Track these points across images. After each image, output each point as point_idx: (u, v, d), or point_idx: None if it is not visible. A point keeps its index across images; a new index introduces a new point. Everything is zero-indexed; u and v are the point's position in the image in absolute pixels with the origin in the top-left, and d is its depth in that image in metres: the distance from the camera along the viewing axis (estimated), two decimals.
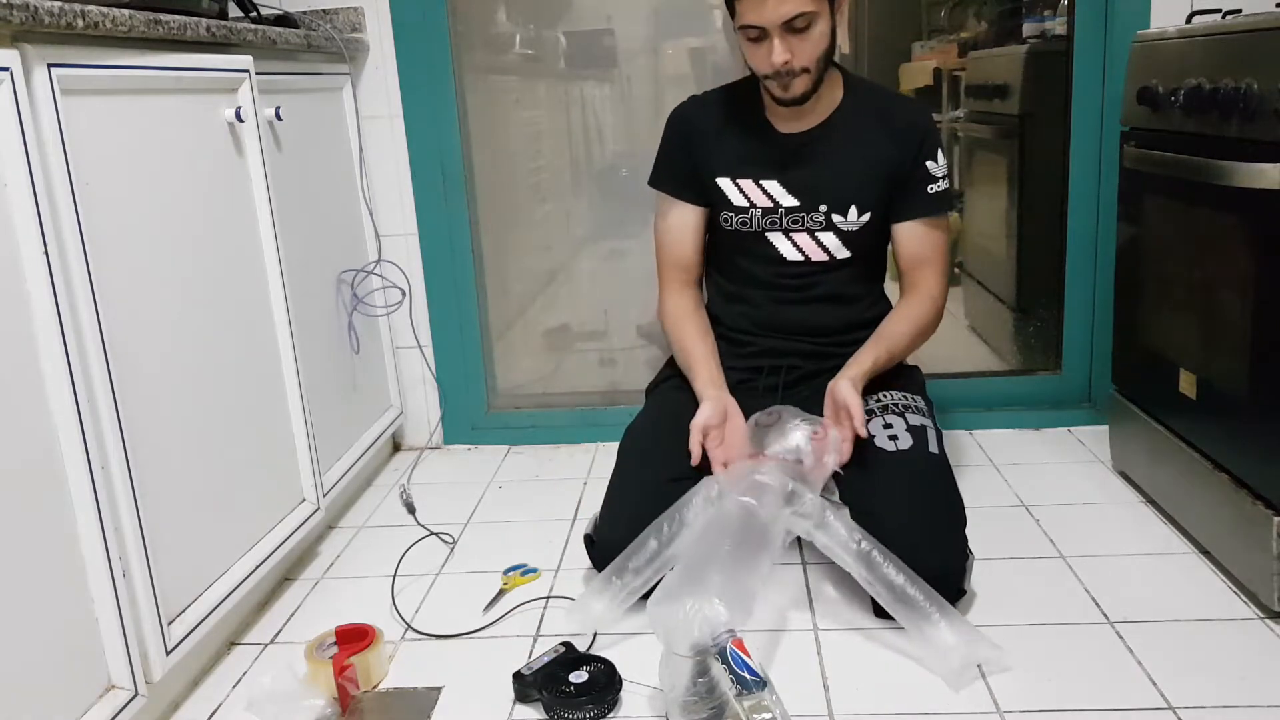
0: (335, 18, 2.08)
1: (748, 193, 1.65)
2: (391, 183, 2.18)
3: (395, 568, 1.70)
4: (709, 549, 1.30)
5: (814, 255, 1.65)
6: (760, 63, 1.52)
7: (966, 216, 2.37)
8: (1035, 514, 1.78)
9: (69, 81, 1.14)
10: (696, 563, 1.28)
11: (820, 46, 1.50)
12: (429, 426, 2.33)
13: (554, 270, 2.34)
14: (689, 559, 1.30)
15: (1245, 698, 1.23)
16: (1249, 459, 1.45)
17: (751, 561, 1.29)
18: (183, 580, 1.34)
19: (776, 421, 1.49)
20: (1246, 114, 1.38)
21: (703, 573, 1.25)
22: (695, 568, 1.27)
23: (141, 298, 1.28)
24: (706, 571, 1.25)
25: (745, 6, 1.47)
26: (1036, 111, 2.18)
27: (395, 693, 1.36)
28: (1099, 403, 2.15)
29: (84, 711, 1.14)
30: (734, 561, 1.28)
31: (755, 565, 1.30)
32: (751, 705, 1.15)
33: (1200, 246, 1.54)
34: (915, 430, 1.52)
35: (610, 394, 2.35)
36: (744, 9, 1.47)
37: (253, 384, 1.56)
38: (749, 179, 1.65)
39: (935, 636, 1.31)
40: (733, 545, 1.30)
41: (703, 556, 1.29)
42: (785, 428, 1.47)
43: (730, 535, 1.31)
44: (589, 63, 2.22)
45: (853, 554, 1.36)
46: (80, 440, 1.12)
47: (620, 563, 1.42)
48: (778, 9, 1.44)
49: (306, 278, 1.79)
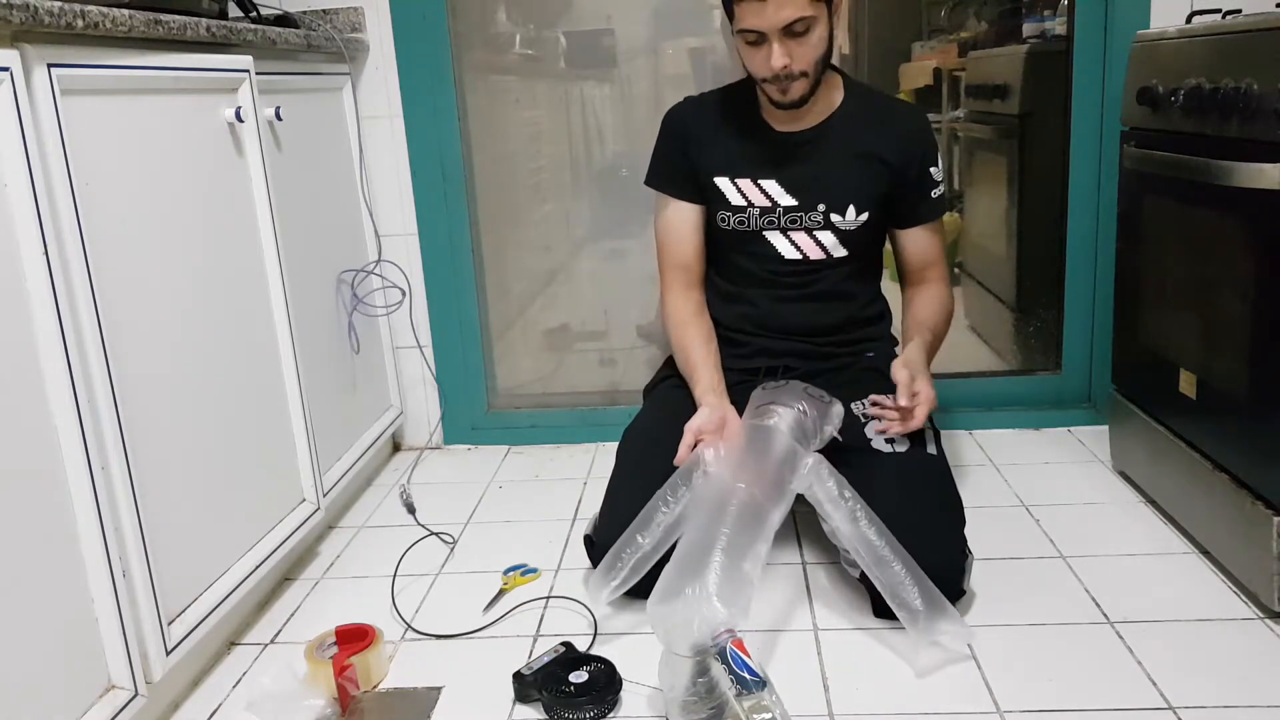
0: (335, 18, 2.08)
1: (746, 192, 1.65)
2: (391, 183, 2.18)
3: (395, 568, 1.70)
4: (705, 536, 1.29)
5: (812, 254, 1.65)
6: (759, 67, 1.52)
7: (966, 216, 2.37)
8: (1035, 514, 1.78)
9: (69, 81, 1.14)
10: (693, 552, 1.27)
11: (818, 50, 1.50)
12: (429, 426, 2.33)
13: (554, 270, 2.34)
14: (685, 548, 1.29)
15: (1245, 698, 1.23)
16: (1249, 459, 1.45)
17: (748, 548, 1.29)
18: (183, 580, 1.34)
19: (780, 391, 1.51)
20: (1246, 114, 1.38)
21: (700, 562, 1.25)
22: (692, 556, 1.26)
23: (141, 298, 1.28)
24: (704, 561, 1.25)
25: (744, 11, 1.46)
26: (1036, 111, 2.18)
27: (395, 693, 1.36)
28: (1099, 403, 2.15)
29: (84, 711, 1.14)
30: (731, 549, 1.27)
31: (753, 549, 1.29)
32: (751, 705, 1.15)
33: (1200, 246, 1.54)
34: (912, 432, 1.52)
35: (610, 394, 2.35)
36: (743, 13, 1.47)
37: (253, 384, 1.56)
38: (747, 178, 1.65)
39: (909, 603, 1.32)
40: (730, 531, 1.29)
41: (699, 545, 1.28)
42: (787, 398, 1.49)
43: (727, 521, 1.30)
44: (589, 63, 2.22)
45: (839, 508, 1.38)
46: (80, 440, 1.12)
47: (628, 536, 1.42)
48: (777, 14, 1.44)
49: (306, 278, 1.79)
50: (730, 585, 1.23)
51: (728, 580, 1.24)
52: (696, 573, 1.23)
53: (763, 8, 1.44)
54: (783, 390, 1.51)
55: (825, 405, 1.49)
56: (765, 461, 1.39)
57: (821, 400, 1.49)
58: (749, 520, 1.32)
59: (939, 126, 2.39)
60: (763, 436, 1.42)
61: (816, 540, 1.70)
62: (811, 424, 1.46)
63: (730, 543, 1.28)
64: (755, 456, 1.40)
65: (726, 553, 1.26)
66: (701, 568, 1.24)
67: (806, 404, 1.47)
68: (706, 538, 1.29)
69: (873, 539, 1.36)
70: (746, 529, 1.31)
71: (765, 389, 1.53)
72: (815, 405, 1.48)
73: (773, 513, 1.35)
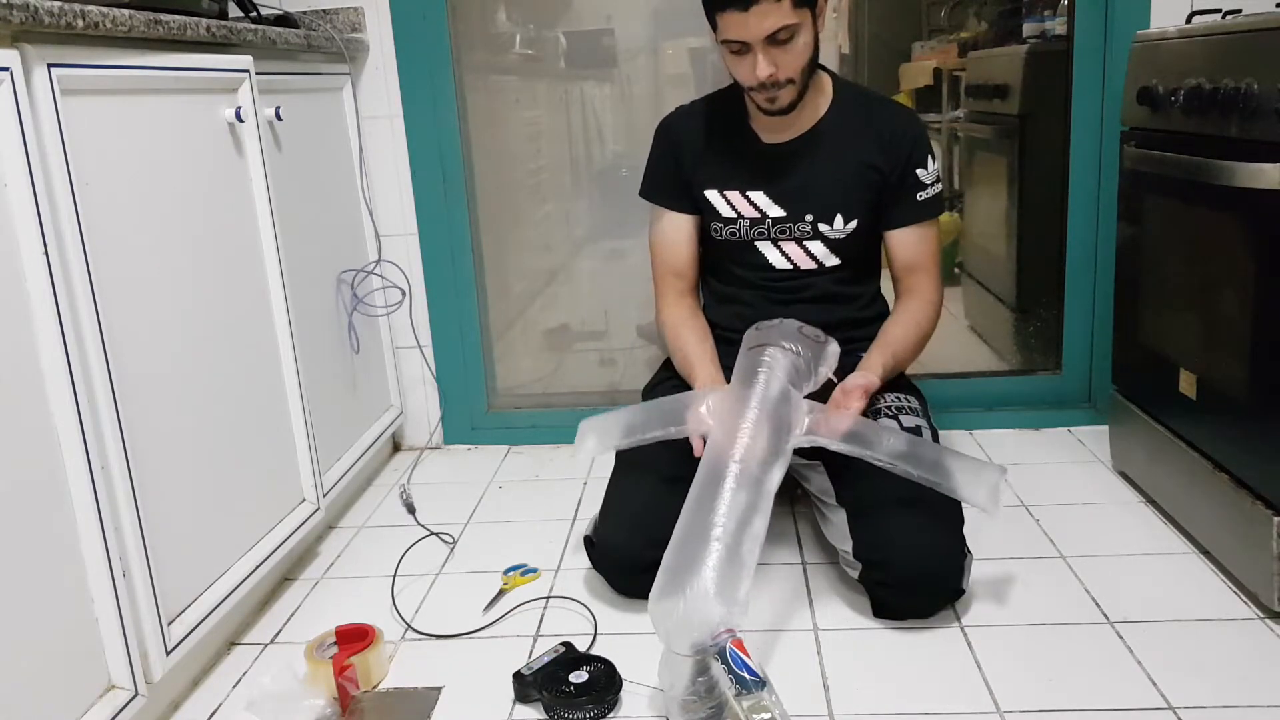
0: (335, 18, 2.08)
1: (735, 204, 1.65)
2: (391, 183, 2.18)
3: (395, 568, 1.70)
4: (700, 522, 1.27)
5: (802, 264, 1.65)
6: (744, 76, 1.51)
7: (966, 216, 2.37)
8: (1035, 514, 1.78)
9: (69, 81, 1.14)
10: (690, 540, 1.26)
11: (804, 57, 1.49)
12: (429, 426, 2.33)
13: (554, 270, 2.34)
14: (681, 535, 1.28)
15: (1245, 698, 1.23)
16: (1249, 459, 1.45)
17: (746, 527, 1.27)
18: (183, 580, 1.34)
19: (772, 331, 1.49)
20: (1246, 114, 1.38)
21: (697, 554, 1.23)
22: (689, 546, 1.25)
23: (141, 298, 1.28)
24: (701, 553, 1.23)
25: (727, 22, 1.46)
26: (1036, 111, 2.18)
27: (395, 693, 1.36)
28: (1099, 403, 2.15)
29: (84, 711, 1.14)
30: (728, 534, 1.25)
31: (750, 530, 1.27)
32: (750, 705, 1.15)
33: (1200, 246, 1.54)
34: (911, 431, 1.52)
35: (610, 394, 2.35)
36: (725, 24, 1.46)
37: (253, 384, 1.56)
38: (735, 190, 1.65)
39: (955, 478, 1.33)
40: (726, 514, 1.27)
41: (696, 533, 1.26)
42: (780, 338, 1.47)
43: (723, 502, 1.28)
44: (589, 63, 2.22)
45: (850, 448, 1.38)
46: (80, 440, 1.12)
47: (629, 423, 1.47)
48: (759, 24, 1.43)
49: (306, 278, 1.79)
50: (729, 575, 1.22)
51: (726, 571, 1.22)
52: (694, 567, 1.22)
53: (744, 18, 1.43)
54: (775, 330, 1.48)
55: (820, 345, 1.45)
56: (760, 415, 1.37)
57: (816, 340, 1.45)
58: (746, 491, 1.29)
59: (939, 126, 2.40)
60: (756, 386, 1.39)
61: (816, 540, 1.70)
62: (806, 365, 1.43)
63: (726, 529, 1.26)
64: (748, 410, 1.38)
65: (723, 540, 1.24)
66: (699, 561, 1.23)
67: (801, 345, 1.43)
68: (702, 524, 1.26)
69: (902, 449, 1.35)
70: (743, 506, 1.28)
71: (759, 329, 1.50)
72: (810, 345, 1.44)
73: (770, 475, 1.32)
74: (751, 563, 1.26)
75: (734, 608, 1.21)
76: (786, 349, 1.44)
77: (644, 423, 1.49)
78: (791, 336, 1.46)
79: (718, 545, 1.25)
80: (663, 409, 1.50)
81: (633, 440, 1.49)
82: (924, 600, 1.44)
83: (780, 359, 1.43)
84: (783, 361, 1.42)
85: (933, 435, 1.57)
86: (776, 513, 1.83)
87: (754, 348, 1.47)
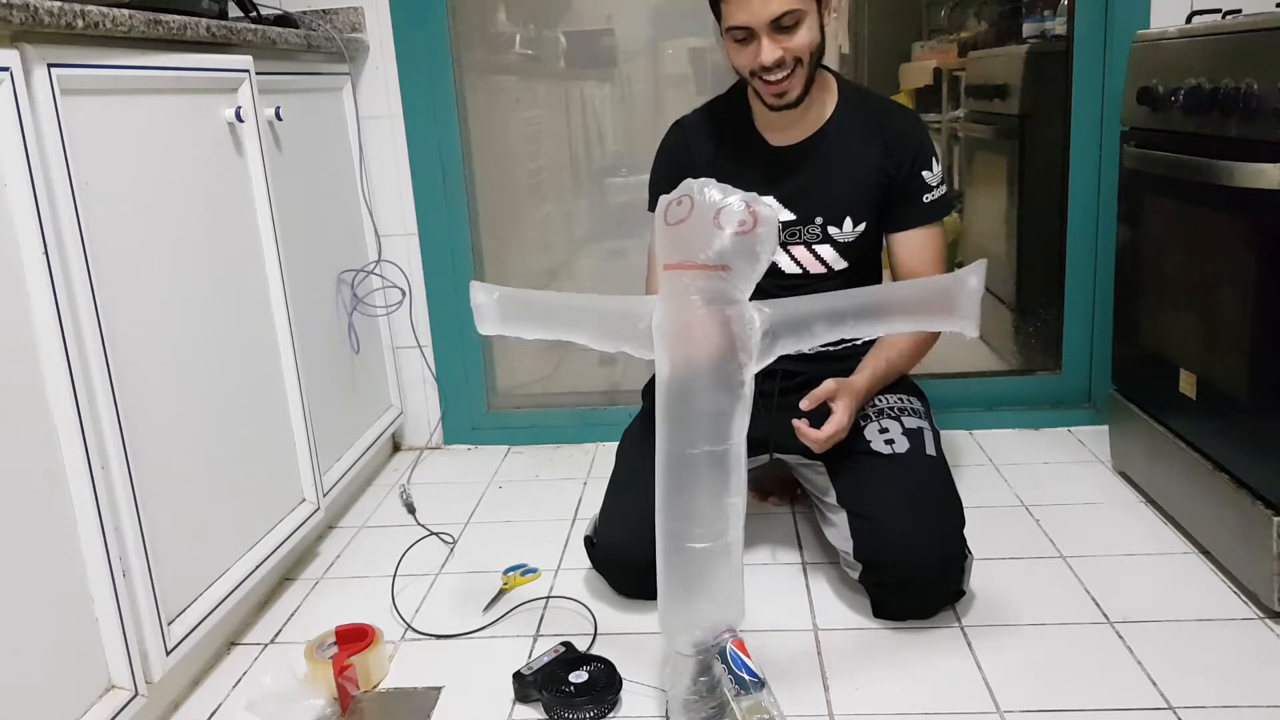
0: (335, 18, 2.08)
1: None
2: (391, 183, 2.18)
3: (395, 568, 1.70)
4: (681, 508, 1.21)
5: (812, 268, 1.65)
6: (748, 62, 1.51)
7: (966, 216, 2.37)
8: (1035, 514, 1.77)
9: (69, 81, 1.14)
10: (676, 528, 1.22)
11: (810, 45, 1.49)
12: (429, 426, 2.33)
13: (554, 270, 2.34)
14: (663, 526, 1.24)
15: (1245, 698, 1.23)
16: (1249, 459, 1.45)
17: (725, 482, 1.19)
18: (183, 580, 1.34)
19: (691, 212, 1.17)
20: (1246, 114, 1.38)
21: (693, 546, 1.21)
22: (678, 535, 1.22)
23: (141, 298, 1.28)
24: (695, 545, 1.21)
25: (731, 8, 1.45)
26: (1036, 111, 2.18)
27: (395, 693, 1.36)
28: (1099, 403, 2.15)
29: (84, 711, 1.14)
30: (709, 494, 1.19)
31: (730, 482, 1.19)
32: (749, 706, 1.15)
33: (1200, 246, 1.54)
34: (912, 433, 1.52)
35: (610, 394, 2.35)
36: (730, 10, 1.46)
37: (253, 384, 1.55)
38: None
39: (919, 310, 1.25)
40: (703, 487, 1.19)
41: (680, 512, 1.21)
42: (707, 219, 1.16)
43: (699, 483, 1.20)
44: (589, 63, 2.23)
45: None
46: (80, 440, 1.12)
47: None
48: (765, 7, 1.42)
49: (306, 278, 1.79)
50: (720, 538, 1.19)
51: (717, 545, 1.19)
52: (692, 564, 1.22)
53: (749, 1, 1.42)
54: (690, 225, 1.17)
55: (747, 232, 1.14)
56: (705, 342, 1.20)
57: (742, 226, 1.15)
58: (712, 440, 1.17)
59: (939, 127, 2.40)
60: (691, 306, 1.17)
61: (816, 540, 1.70)
62: (737, 271, 1.16)
63: (707, 495, 1.19)
64: (688, 328, 1.20)
65: (704, 510, 1.19)
66: (696, 557, 1.22)
67: (721, 250, 1.15)
68: (683, 509, 1.21)
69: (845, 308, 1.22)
70: (716, 465, 1.18)
71: (674, 204, 1.21)
72: (736, 242, 1.14)
73: (735, 414, 1.19)
74: (740, 510, 1.20)
75: (734, 606, 1.22)
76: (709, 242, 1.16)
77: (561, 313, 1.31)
78: (705, 240, 1.16)
79: (702, 527, 1.20)
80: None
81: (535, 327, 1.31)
82: (924, 601, 1.44)
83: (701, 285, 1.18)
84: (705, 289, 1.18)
85: (935, 437, 1.57)
86: (777, 513, 1.84)
87: (671, 266, 1.21)
